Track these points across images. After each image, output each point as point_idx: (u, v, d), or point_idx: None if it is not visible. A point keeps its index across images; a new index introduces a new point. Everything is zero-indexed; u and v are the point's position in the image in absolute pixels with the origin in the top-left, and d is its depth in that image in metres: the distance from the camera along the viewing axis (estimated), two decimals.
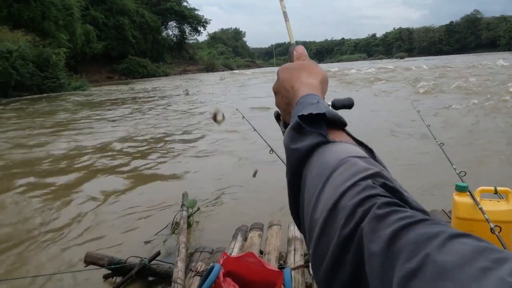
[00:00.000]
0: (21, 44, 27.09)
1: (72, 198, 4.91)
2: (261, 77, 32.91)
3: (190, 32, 77.01)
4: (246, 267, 2.15)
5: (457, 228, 2.12)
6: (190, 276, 2.49)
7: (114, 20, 54.02)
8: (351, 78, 22.99)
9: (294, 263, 2.51)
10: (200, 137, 8.83)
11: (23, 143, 8.92)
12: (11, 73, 24.99)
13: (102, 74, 52.26)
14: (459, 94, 12.42)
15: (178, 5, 71.13)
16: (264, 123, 3.62)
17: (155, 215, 4.07)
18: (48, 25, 36.27)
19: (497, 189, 2.12)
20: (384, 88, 16.42)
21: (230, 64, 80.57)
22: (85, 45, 44.55)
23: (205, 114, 12.22)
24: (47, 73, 28.27)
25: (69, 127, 11.31)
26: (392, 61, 54.60)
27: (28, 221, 4.16)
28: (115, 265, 2.62)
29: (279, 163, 2.34)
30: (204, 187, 5.02)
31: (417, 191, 4.30)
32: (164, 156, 7.13)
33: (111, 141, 8.65)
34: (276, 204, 4.15)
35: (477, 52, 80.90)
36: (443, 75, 20.26)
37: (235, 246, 2.81)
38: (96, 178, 5.78)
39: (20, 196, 5.06)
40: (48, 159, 7.24)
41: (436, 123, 7.80)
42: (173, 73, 61.45)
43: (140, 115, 13.47)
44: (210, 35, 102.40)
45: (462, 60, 40.43)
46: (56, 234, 3.75)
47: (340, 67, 41.38)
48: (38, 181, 5.78)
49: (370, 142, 0.50)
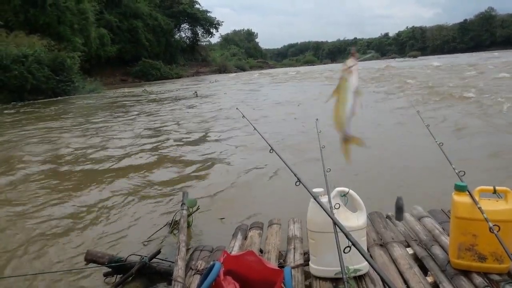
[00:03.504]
0: (36, 48, 27.62)
1: (73, 196, 4.98)
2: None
3: (202, 34, 77.49)
4: (246, 265, 2.16)
5: (456, 227, 2.12)
6: (190, 274, 2.51)
7: (127, 24, 54.70)
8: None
9: (294, 262, 2.51)
10: (202, 136, 8.90)
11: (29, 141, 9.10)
12: (26, 77, 25.50)
13: (116, 77, 52.92)
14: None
15: (191, 8, 71.59)
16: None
17: (155, 214, 4.12)
18: (64, 30, 36.95)
19: (496, 189, 2.10)
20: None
21: (243, 65, 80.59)
22: (99, 49, 45.25)
23: (207, 114, 12.31)
24: (62, 77, 28.73)
25: (64, 130, 11.49)
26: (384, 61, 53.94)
27: (28, 219, 4.23)
28: (115, 263, 2.65)
29: (279, 162, 2.34)
30: (204, 186, 5.05)
31: (416, 190, 4.26)
32: (164, 154, 7.20)
33: (114, 141, 8.77)
34: (276, 203, 4.16)
35: (491, 50, 79.23)
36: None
37: (235, 244, 2.82)
38: (96, 177, 5.85)
39: (20, 193, 5.16)
40: (50, 156, 7.38)
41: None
42: (186, 75, 61.77)
43: (144, 116, 13.62)
44: (223, 37, 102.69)
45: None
46: (57, 232, 3.81)
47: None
48: (37, 178, 5.88)
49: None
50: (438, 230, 2.69)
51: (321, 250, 2.26)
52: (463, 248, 2.13)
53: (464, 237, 2.12)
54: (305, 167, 4.86)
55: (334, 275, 2.20)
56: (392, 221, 3.05)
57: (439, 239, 2.55)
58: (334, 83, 1.50)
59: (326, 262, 2.21)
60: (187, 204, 3.50)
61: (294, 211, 3.40)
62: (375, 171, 5.24)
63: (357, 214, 2.30)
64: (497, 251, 2.04)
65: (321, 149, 2.62)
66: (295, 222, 3.07)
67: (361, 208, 2.31)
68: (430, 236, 2.65)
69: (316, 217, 2.23)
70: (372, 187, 4.41)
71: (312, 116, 7.93)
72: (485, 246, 2.07)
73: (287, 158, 2.28)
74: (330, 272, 2.21)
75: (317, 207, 1.88)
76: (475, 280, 2.06)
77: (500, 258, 2.06)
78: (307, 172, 4.25)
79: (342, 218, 2.17)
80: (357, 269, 2.18)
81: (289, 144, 6.80)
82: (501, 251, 2.00)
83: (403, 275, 2.22)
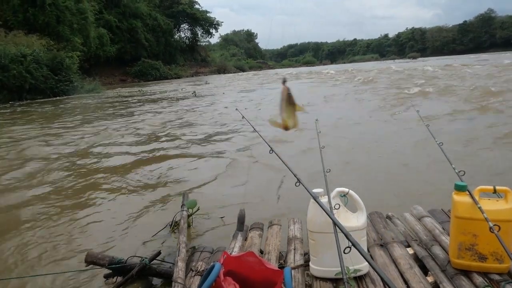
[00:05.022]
0: (35, 48, 27.63)
1: (71, 197, 4.97)
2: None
3: (202, 34, 77.60)
4: (246, 266, 2.16)
5: (456, 227, 2.12)
6: (190, 275, 2.50)
7: (127, 24, 54.73)
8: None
9: (294, 263, 2.51)
10: (200, 137, 8.88)
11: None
12: (25, 77, 25.52)
13: (116, 77, 52.94)
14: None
15: (190, 8, 71.66)
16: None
17: (155, 215, 4.11)
18: (63, 29, 36.97)
19: (496, 188, 2.10)
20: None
21: (242, 65, 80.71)
22: (99, 48, 45.25)
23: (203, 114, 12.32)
24: (61, 77, 28.78)
25: (61, 129, 11.49)
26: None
27: (27, 221, 4.21)
28: (115, 265, 2.64)
29: (279, 163, 2.34)
30: (204, 187, 5.05)
31: (416, 190, 4.27)
32: (163, 155, 7.20)
33: (112, 141, 8.77)
34: (276, 204, 4.15)
35: (491, 52, 79.39)
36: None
37: (235, 245, 2.82)
38: (95, 179, 5.83)
39: (21, 195, 5.15)
40: (47, 156, 7.36)
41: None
42: (185, 75, 61.83)
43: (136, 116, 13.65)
44: (223, 37, 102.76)
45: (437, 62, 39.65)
46: (57, 234, 3.79)
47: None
48: (36, 179, 5.87)
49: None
50: (438, 230, 2.69)
51: (321, 251, 2.25)
52: (463, 248, 2.13)
53: (464, 237, 2.12)
54: (304, 167, 4.85)
55: (335, 276, 2.20)
56: (393, 221, 3.05)
57: (439, 239, 2.55)
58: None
59: (326, 263, 2.21)
60: (186, 205, 3.49)
61: (294, 212, 3.41)
62: (375, 171, 5.24)
63: (357, 214, 2.30)
64: (497, 251, 2.04)
65: (320, 150, 2.63)
66: (295, 223, 3.06)
67: (361, 208, 2.31)
68: (430, 236, 2.65)
69: (316, 218, 2.23)
70: (372, 187, 4.41)
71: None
72: (485, 245, 2.07)
73: (287, 159, 2.28)
74: (330, 273, 2.21)
75: (317, 207, 1.88)
76: (475, 280, 2.06)
77: (500, 258, 2.06)
78: (307, 172, 4.26)
79: (342, 219, 2.17)
80: (357, 270, 2.17)
81: (287, 144, 6.82)
82: (501, 251, 2.00)
83: (404, 275, 2.22)
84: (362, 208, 2.30)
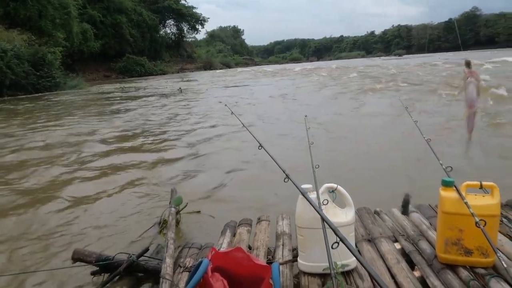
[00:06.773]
0: (16, 43, 26.97)
1: (58, 195, 4.90)
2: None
3: (188, 30, 76.87)
4: (234, 262, 2.15)
5: (443, 222, 2.14)
6: (178, 271, 2.48)
7: (111, 19, 53.80)
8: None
9: (283, 258, 2.51)
10: (189, 133, 8.84)
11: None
12: (5, 73, 24.88)
13: (100, 72, 52.10)
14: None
15: (176, 3, 70.88)
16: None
17: (143, 212, 4.07)
18: (45, 24, 36.09)
19: (482, 184, 2.13)
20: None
21: (229, 62, 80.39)
22: (82, 44, 44.34)
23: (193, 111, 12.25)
24: (43, 72, 28.12)
25: (49, 126, 11.30)
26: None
27: (12, 217, 4.15)
28: (102, 261, 2.61)
29: (268, 158, 2.33)
30: (193, 183, 5.02)
31: (404, 186, 4.31)
32: (151, 152, 7.14)
33: (101, 138, 8.65)
34: (264, 199, 4.15)
35: (475, 49, 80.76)
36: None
37: (223, 241, 2.81)
38: (83, 176, 5.76)
39: (7, 194, 5.05)
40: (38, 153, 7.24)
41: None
42: (170, 71, 61.24)
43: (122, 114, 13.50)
44: (209, 33, 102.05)
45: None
46: (43, 231, 3.74)
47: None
48: (23, 177, 5.76)
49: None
50: (425, 225, 2.73)
51: (309, 246, 2.26)
52: (450, 243, 2.15)
53: (450, 232, 2.15)
54: (293, 163, 4.86)
55: (322, 271, 2.20)
56: (381, 217, 3.08)
57: (426, 234, 2.58)
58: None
59: (315, 258, 2.21)
60: (173, 202, 3.45)
61: (283, 208, 3.41)
62: (363, 167, 5.28)
63: (345, 210, 2.31)
64: (482, 245, 2.07)
65: (309, 145, 2.63)
66: (283, 219, 3.07)
67: (349, 204, 2.31)
68: (417, 231, 2.68)
69: (304, 213, 2.23)
70: (360, 183, 4.44)
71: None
72: (471, 240, 2.10)
73: (275, 155, 2.27)
74: (318, 268, 2.22)
75: (306, 203, 1.88)
76: (461, 274, 2.09)
77: (485, 252, 2.09)
78: (296, 168, 4.27)
79: (330, 214, 2.17)
80: (345, 265, 2.18)
81: (276, 141, 6.82)
82: (486, 245, 2.03)
83: (391, 270, 2.24)
84: (350, 204, 2.31)
